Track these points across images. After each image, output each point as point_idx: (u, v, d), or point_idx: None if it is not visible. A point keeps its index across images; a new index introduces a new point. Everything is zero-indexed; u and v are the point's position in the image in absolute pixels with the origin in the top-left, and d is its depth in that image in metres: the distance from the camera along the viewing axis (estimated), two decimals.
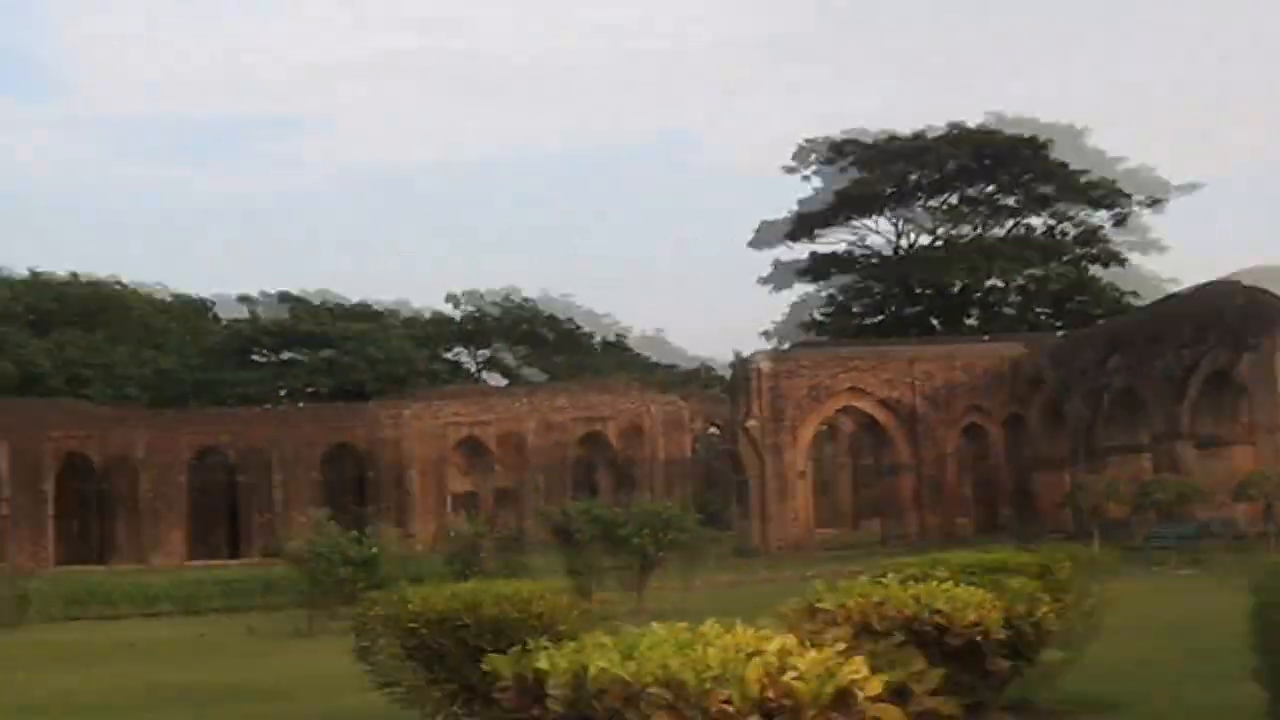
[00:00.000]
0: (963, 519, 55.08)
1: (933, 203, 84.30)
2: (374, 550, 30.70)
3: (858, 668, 6.09)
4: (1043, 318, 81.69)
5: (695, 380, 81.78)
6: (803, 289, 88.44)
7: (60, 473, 63.31)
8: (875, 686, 6.04)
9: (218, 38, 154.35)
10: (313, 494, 63.40)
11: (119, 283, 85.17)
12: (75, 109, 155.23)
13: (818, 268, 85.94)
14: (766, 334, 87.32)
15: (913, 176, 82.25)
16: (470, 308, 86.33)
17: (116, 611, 39.08)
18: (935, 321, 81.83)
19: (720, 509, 55.41)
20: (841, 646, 6.47)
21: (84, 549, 65.73)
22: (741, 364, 57.63)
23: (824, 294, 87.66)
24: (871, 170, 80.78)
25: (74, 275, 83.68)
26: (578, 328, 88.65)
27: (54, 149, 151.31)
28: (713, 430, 69.28)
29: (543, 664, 6.57)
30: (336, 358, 76.84)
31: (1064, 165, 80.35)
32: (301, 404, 73.90)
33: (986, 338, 65.84)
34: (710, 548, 37.24)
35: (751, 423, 53.50)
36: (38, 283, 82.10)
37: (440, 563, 38.66)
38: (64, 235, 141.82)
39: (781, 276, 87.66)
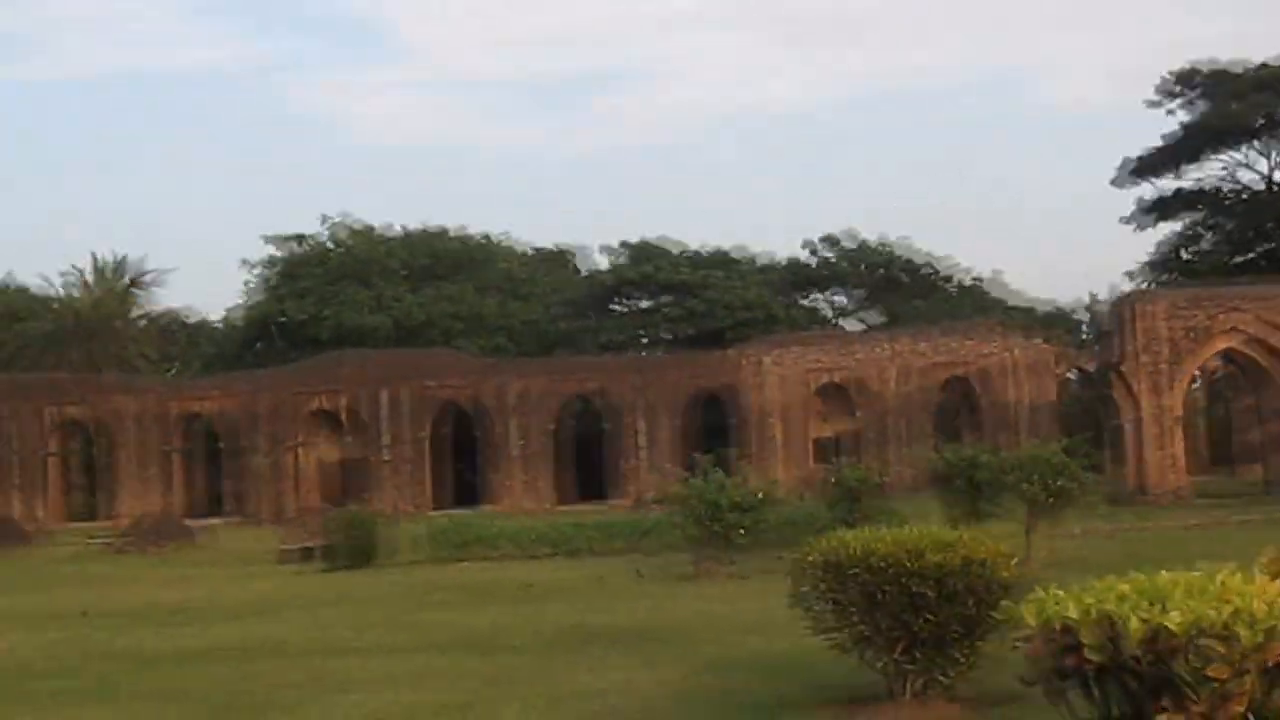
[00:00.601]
0: None
1: None
2: (760, 495, 31.02)
3: None
4: None
5: (1056, 323, 79.98)
6: (1167, 227, 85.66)
7: (435, 420, 65.72)
8: None
9: None
10: (675, 440, 64.39)
11: (485, 236, 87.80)
12: (425, 72, 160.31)
13: (1183, 204, 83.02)
14: (1130, 274, 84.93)
15: None
16: (826, 253, 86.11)
17: (499, 553, 40.16)
18: None
19: (1086, 454, 54.14)
20: None
21: (456, 494, 68.17)
22: (1114, 305, 56.22)
23: (1189, 231, 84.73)
24: (1239, 101, 77.48)
25: (443, 230, 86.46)
26: (934, 271, 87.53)
27: (410, 110, 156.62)
28: (1070, 374, 67.68)
29: (1072, 612, 6.45)
30: (695, 305, 77.57)
31: None
32: (662, 352, 74.92)
33: None
34: (1094, 495, 36.54)
35: (1126, 365, 52.21)
36: (410, 239, 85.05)
37: (809, 508, 38.89)
38: (428, 192, 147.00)
39: (1144, 214, 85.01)
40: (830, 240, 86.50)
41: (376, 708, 15.01)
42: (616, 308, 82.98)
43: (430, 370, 65.29)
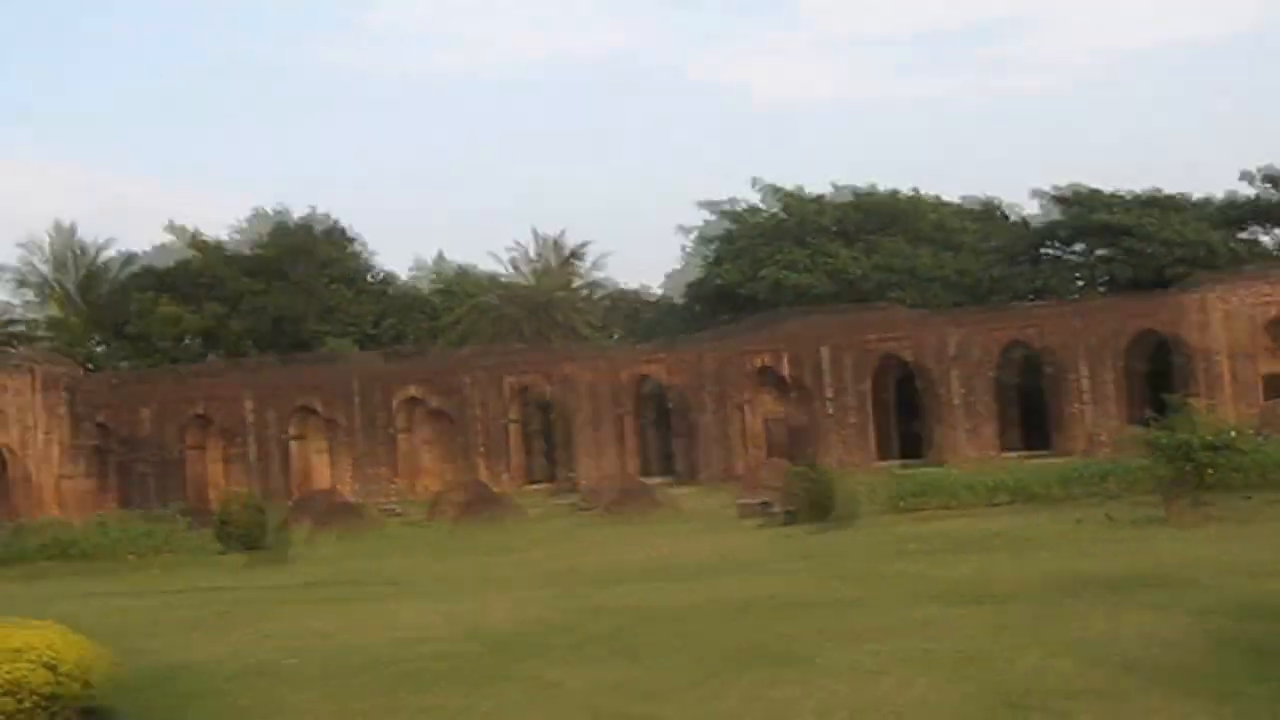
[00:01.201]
0: None
1: None
2: (1232, 435, 30.50)
3: None
4: None
5: None
6: None
7: (876, 374, 66.24)
8: None
9: None
10: (1117, 383, 63.30)
11: (913, 190, 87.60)
12: (823, 32, 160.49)
13: None
14: None
15: None
16: (1266, 184, 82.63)
17: (957, 502, 40.18)
18: None
19: None
20: None
21: (896, 445, 68.60)
22: None
23: None
24: None
25: (871, 187, 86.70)
26: None
27: (809, 70, 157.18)
28: None
29: None
30: (1131, 246, 75.65)
31: None
32: (1097, 296, 73.33)
33: None
34: None
35: None
36: (840, 196, 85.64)
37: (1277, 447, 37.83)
38: (843, 151, 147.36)
39: None
40: (1270, 170, 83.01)
41: (897, 655, 15.20)
42: (1047, 253, 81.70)
43: (869, 325, 65.88)
